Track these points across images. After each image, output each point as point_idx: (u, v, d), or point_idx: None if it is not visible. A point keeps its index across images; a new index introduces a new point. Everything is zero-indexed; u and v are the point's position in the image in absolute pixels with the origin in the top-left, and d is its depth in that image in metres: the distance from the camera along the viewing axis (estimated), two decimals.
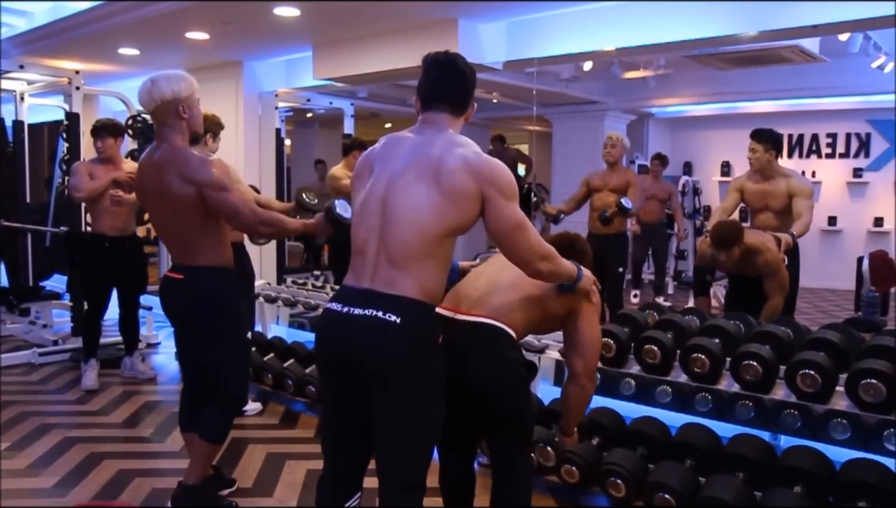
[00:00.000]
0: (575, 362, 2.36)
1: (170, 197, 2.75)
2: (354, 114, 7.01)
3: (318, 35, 4.73)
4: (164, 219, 2.88)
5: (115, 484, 3.37)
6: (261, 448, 3.82)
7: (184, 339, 3.04)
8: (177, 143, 2.78)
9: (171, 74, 2.79)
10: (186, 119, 2.79)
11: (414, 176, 1.95)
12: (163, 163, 2.75)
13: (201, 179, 2.71)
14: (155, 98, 2.74)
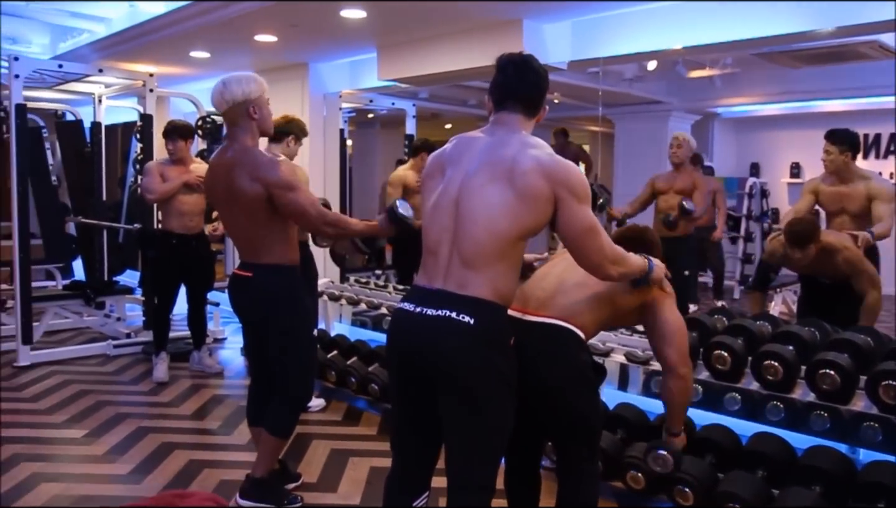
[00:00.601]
0: (667, 352, 2.29)
1: (239, 196, 2.81)
2: (416, 114, 7.06)
3: (383, 37, 4.77)
4: (233, 218, 2.94)
5: (186, 474, 3.47)
6: (324, 444, 3.88)
7: (252, 335, 3.11)
8: (247, 143, 2.84)
9: (241, 76, 2.84)
10: (257, 120, 2.85)
11: (487, 177, 1.95)
12: (233, 163, 2.82)
13: (270, 178, 2.76)
14: (227, 100, 2.80)
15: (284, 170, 2.80)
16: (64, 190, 7.50)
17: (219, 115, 6.61)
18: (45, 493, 3.21)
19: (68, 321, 6.32)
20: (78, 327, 6.38)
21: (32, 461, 3.56)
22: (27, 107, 5.31)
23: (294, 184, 2.81)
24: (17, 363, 5.23)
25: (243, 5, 4.11)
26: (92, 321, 6.33)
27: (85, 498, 3.19)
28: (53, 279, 7.81)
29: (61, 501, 3.15)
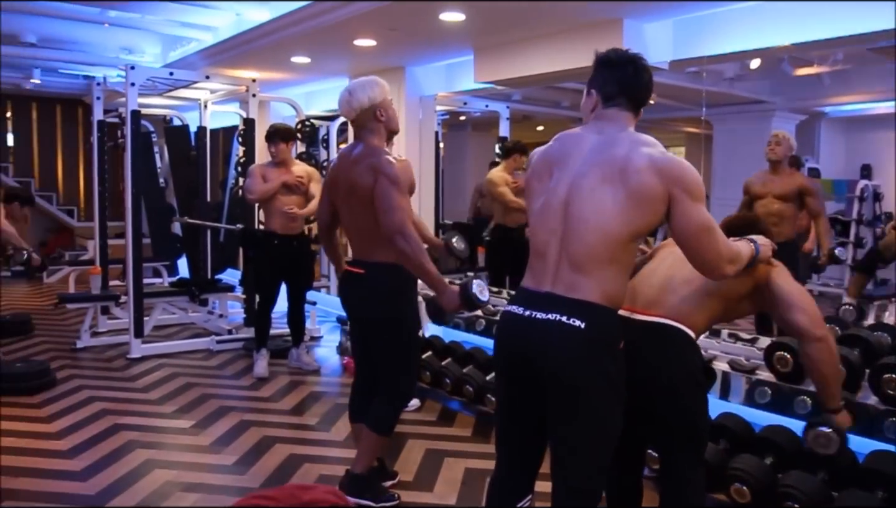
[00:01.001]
0: (797, 318, 2.18)
1: (359, 189, 2.88)
2: (510, 117, 7.06)
3: (480, 39, 4.79)
4: (353, 213, 3.00)
5: (287, 468, 3.57)
6: (420, 443, 3.92)
7: (359, 332, 3.17)
8: (373, 143, 2.94)
9: (365, 82, 2.95)
10: (384, 121, 2.95)
11: (598, 178, 1.92)
12: (357, 159, 2.92)
13: (382, 168, 2.83)
14: (354, 107, 2.91)
15: (400, 168, 2.87)
16: (170, 192, 7.87)
17: (317, 118, 6.84)
18: (159, 478, 3.38)
19: (174, 317, 6.62)
20: (183, 322, 6.68)
21: (146, 448, 3.76)
22: (140, 113, 5.60)
23: (399, 182, 2.84)
24: (130, 354, 5.52)
25: (344, 11, 4.21)
26: (196, 317, 6.62)
27: (194, 486, 3.33)
28: (160, 277, 8.23)
29: (173, 487, 3.30)
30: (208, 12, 5.26)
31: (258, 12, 4.95)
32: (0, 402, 4.42)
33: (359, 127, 2.98)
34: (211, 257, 6.67)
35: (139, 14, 5.92)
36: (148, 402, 4.52)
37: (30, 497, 3.20)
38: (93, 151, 7.33)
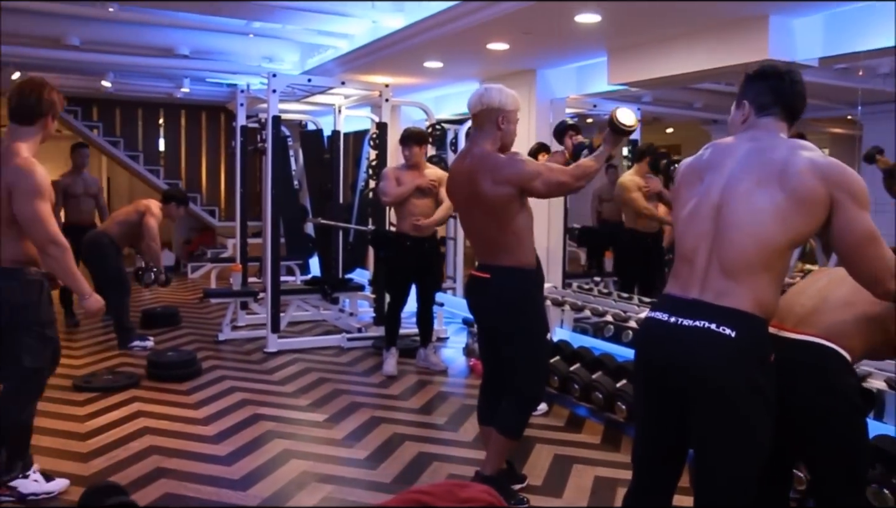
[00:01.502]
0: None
1: (482, 199, 2.92)
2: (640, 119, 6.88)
3: (615, 40, 4.70)
4: (474, 220, 3.05)
5: (416, 465, 3.64)
6: (548, 448, 3.89)
7: (487, 336, 3.19)
8: (486, 148, 2.97)
9: (503, 88, 3.01)
10: (502, 130, 2.98)
11: (755, 181, 1.84)
12: (474, 168, 2.95)
13: (517, 175, 2.88)
14: (483, 102, 2.97)
15: (527, 159, 2.94)
16: (304, 193, 8.20)
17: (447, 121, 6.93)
18: (295, 468, 3.53)
19: (307, 314, 6.89)
20: (315, 319, 6.94)
21: (283, 438, 3.93)
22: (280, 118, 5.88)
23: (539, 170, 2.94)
24: (267, 348, 5.79)
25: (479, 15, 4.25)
26: (328, 315, 6.86)
27: (328, 477, 3.45)
28: (293, 275, 8.59)
29: (310, 477, 3.44)
30: (345, 20, 5.44)
31: (394, 19, 5.08)
32: (154, 387, 4.77)
33: (477, 127, 3.03)
34: (342, 256, 6.89)
35: (280, 24, 6.21)
36: (284, 395, 4.73)
37: (182, 476, 3.42)
38: (234, 155, 7.76)
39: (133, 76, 8.84)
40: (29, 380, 3.10)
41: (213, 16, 5.93)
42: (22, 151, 2.97)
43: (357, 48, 5.79)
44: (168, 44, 6.95)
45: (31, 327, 3.02)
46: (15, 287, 2.98)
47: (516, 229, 2.96)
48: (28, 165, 2.94)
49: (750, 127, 2.00)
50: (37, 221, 2.92)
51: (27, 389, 3.11)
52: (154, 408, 4.37)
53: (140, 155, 10.87)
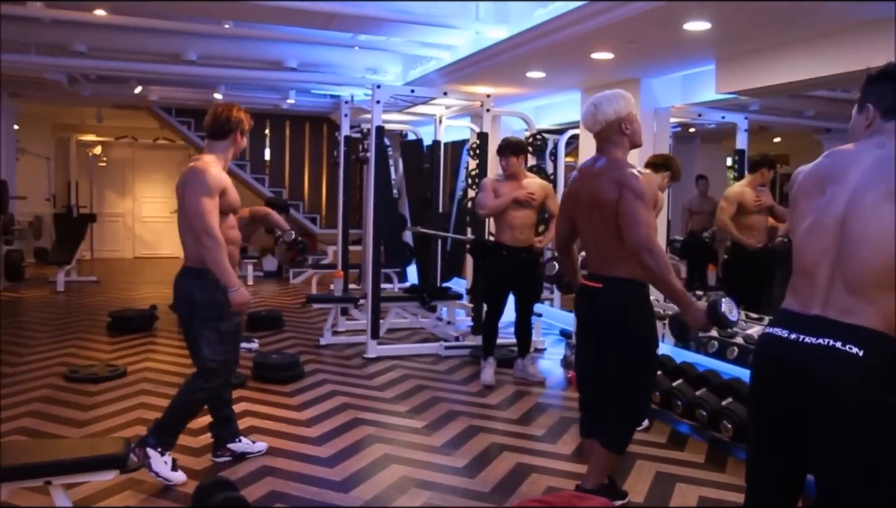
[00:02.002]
0: None
1: (601, 203, 2.88)
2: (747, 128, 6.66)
3: (725, 47, 4.56)
4: (593, 226, 3.00)
5: (515, 476, 3.62)
6: (649, 465, 3.80)
7: (593, 347, 3.13)
8: (617, 155, 2.94)
9: (610, 95, 2.94)
10: (628, 134, 2.95)
11: (883, 193, 1.75)
12: (601, 172, 2.92)
13: (628, 182, 2.81)
14: (599, 120, 2.93)
15: (644, 181, 2.83)
16: (402, 202, 8.33)
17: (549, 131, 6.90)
18: (395, 473, 3.58)
19: (405, 321, 6.98)
20: (413, 327, 7.03)
21: (383, 443, 3.99)
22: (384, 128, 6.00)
23: (646, 197, 2.80)
24: (366, 354, 5.91)
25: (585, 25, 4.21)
26: (426, 323, 6.93)
27: (427, 484, 3.49)
28: (391, 282, 8.73)
29: (409, 483, 3.48)
30: (449, 32, 5.51)
31: (497, 30, 5.10)
32: (259, 388, 4.94)
33: (602, 140, 2.99)
34: (440, 265, 6.95)
35: (385, 37, 6.35)
36: (383, 400, 4.80)
37: (287, 476, 3.53)
38: (337, 164, 7.97)
39: (243, 88, 9.25)
40: (207, 371, 3.44)
41: (323, 29, 6.11)
42: (206, 158, 3.43)
43: (460, 59, 5.85)
44: (277, 57, 7.24)
45: (208, 322, 3.37)
46: (194, 285, 3.37)
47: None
48: (202, 166, 3.35)
49: (875, 132, 1.90)
50: (198, 214, 3.26)
51: (205, 379, 3.46)
52: (260, 408, 4.53)
53: (247, 164, 11.32)
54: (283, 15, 5.11)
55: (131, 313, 6.97)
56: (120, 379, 5.08)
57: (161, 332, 6.70)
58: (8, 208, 8.41)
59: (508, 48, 5.12)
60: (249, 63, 7.49)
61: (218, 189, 3.34)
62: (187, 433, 4.05)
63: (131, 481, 3.37)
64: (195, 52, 6.96)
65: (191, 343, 3.48)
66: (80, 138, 12.41)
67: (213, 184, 3.31)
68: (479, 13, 5.20)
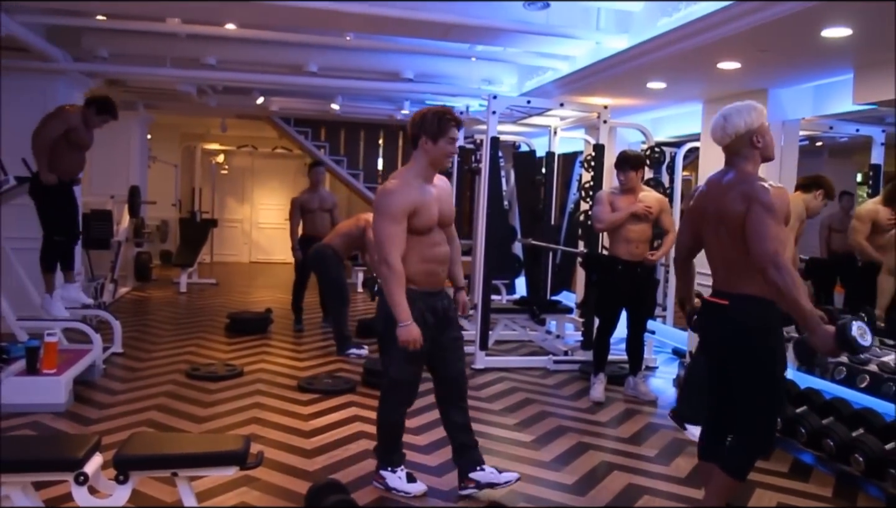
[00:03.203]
0: None
1: (728, 216, 2.78)
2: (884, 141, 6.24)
3: (865, 55, 4.27)
4: (719, 240, 2.89)
5: (625, 496, 3.52)
6: (770, 494, 3.61)
7: (717, 367, 3.00)
8: (747, 169, 2.83)
9: (741, 107, 2.84)
10: (760, 148, 2.83)
11: None
12: (730, 185, 2.82)
13: (757, 195, 2.69)
14: (728, 133, 2.83)
15: (774, 195, 2.71)
16: (513, 214, 8.29)
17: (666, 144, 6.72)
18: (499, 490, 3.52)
19: (514, 334, 6.92)
20: (521, 339, 6.95)
21: (490, 455, 3.89)
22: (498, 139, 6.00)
23: (775, 210, 2.68)
24: (474, 365, 5.89)
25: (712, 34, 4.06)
26: (534, 336, 6.84)
27: (535, 499, 3.44)
28: (499, 294, 8.69)
29: (517, 497, 3.44)
30: (567, 42, 5.44)
31: (618, 40, 5.00)
32: (368, 394, 5.02)
33: (732, 153, 2.87)
34: (550, 278, 6.87)
35: (502, 47, 6.35)
36: (491, 412, 4.77)
37: None
38: (450, 175, 8.02)
39: (359, 99, 9.48)
40: (393, 388, 3.44)
41: (441, 40, 6.18)
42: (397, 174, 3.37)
43: (578, 70, 5.76)
44: (394, 68, 7.37)
45: (392, 341, 3.22)
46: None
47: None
48: (386, 186, 3.23)
49: None
50: (378, 241, 3.19)
51: (393, 396, 3.45)
52: (369, 414, 4.58)
53: (360, 173, 11.60)
54: (403, 26, 5.19)
55: (248, 316, 7.25)
56: (237, 378, 5.29)
57: (275, 335, 6.93)
58: (139, 212, 8.94)
59: (629, 58, 5.01)
60: (366, 74, 7.66)
61: (403, 211, 3.14)
62: (299, 434, 4.18)
63: (247, 478, 3.48)
64: (316, 63, 7.18)
65: (382, 358, 3.47)
66: (204, 147, 13.07)
67: (395, 206, 3.14)
68: (599, 23, 5.11)
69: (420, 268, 3.24)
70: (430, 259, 3.26)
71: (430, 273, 3.28)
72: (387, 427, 3.48)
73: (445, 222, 3.36)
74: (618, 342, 5.47)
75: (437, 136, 3.20)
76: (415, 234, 3.19)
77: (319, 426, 4.34)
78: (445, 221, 3.36)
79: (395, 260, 3.13)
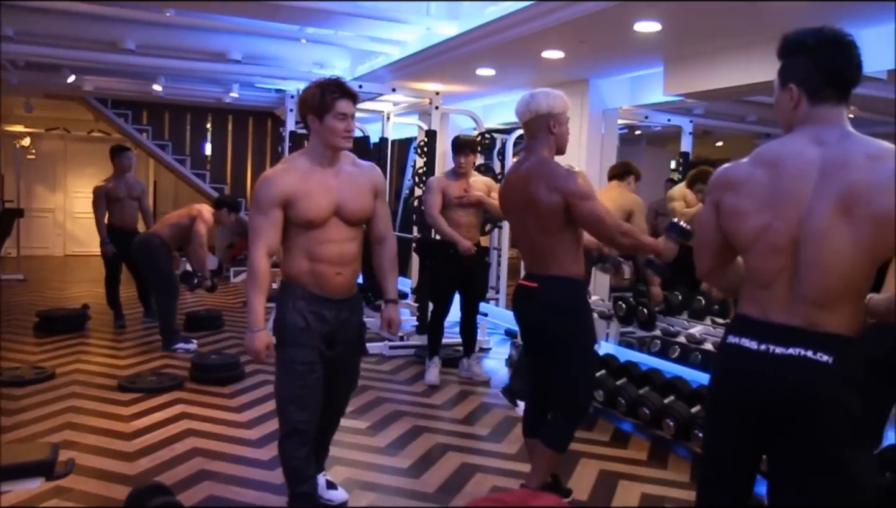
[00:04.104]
0: None
1: (534, 206, 2.87)
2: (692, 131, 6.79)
3: (674, 49, 4.60)
4: (525, 228, 2.99)
5: (459, 476, 3.58)
6: (593, 463, 3.80)
7: (534, 347, 3.13)
8: (544, 155, 2.93)
9: (549, 91, 2.95)
10: (555, 134, 2.94)
11: (834, 210, 1.66)
12: (530, 174, 2.90)
13: (568, 188, 2.81)
14: (531, 109, 2.92)
15: (581, 180, 2.84)
16: None
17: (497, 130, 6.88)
18: (339, 475, 3.48)
19: None
20: None
21: None
22: None
23: (591, 194, 2.84)
24: None
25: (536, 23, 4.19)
26: (370, 322, 6.79)
27: (371, 485, 3.42)
28: None
29: (353, 485, 3.40)
30: (399, 27, 5.43)
31: (448, 26, 5.05)
32: (197, 390, 4.78)
33: (530, 135, 2.99)
34: None
35: (333, 30, 6.23)
36: None
37: (225, 479, 3.40)
38: None
39: (184, 80, 8.96)
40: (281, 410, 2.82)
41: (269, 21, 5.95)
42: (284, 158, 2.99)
43: (409, 55, 5.76)
44: (220, 48, 7.02)
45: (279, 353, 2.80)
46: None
47: (568, 238, 2.90)
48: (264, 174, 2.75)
49: (808, 120, 1.77)
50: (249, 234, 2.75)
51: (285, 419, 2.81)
52: (197, 410, 4.38)
53: (187, 159, 11.02)
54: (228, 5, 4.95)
55: (61, 313, 6.66)
56: (47, 382, 4.84)
57: (94, 333, 6.43)
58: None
59: (459, 45, 5.08)
60: (191, 54, 7.25)
61: (272, 201, 2.65)
62: (120, 436, 3.90)
63: (58, 489, 3.18)
64: (133, 40, 6.70)
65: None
66: (6, 129, 11.87)
67: (263, 195, 2.66)
68: (429, 9, 5.14)
69: (304, 267, 2.73)
70: (319, 258, 2.71)
71: (318, 275, 2.73)
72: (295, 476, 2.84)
73: (350, 216, 2.75)
74: (452, 325, 5.56)
75: (321, 112, 2.65)
76: (298, 227, 2.70)
77: (142, 427, 4.07)
78: (350, 215, 2.75)
79: (255, 255, 2.65)
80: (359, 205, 2.78)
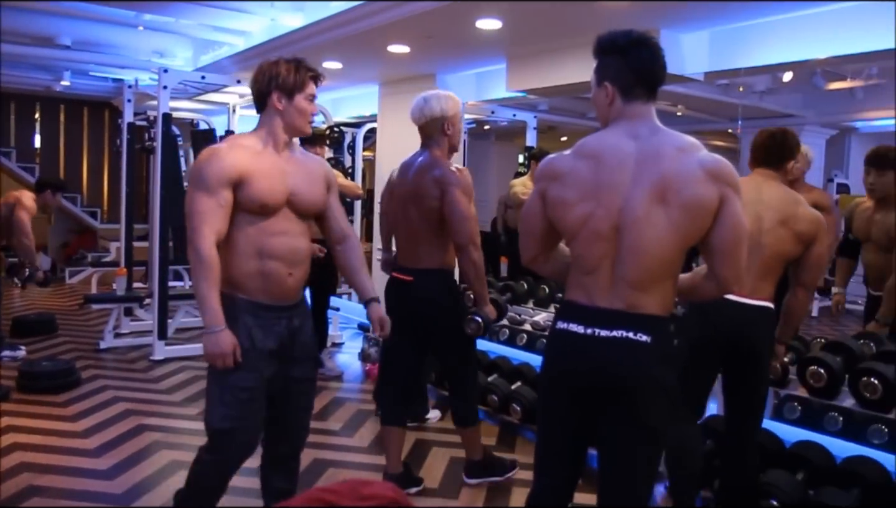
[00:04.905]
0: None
1: (418, 198, 3.04)
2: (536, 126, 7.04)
3: (515, 47, 4.76)
4: (408, 219, 3.13)
5: (312, 472, 3.56)
6: (444, 451, 3.89)
7: (407, 338, 3.23)
8: (436, 153, 3.08)
9: (441, 94, 3.08)
10: (449, 135, 3.08)
11: (650, 198, 1.80)
12: (421, 168, 3.06)
13: (450, 179, 2.98)
14: (425, 114, 3.06)
15: (465, 177, 3.02)
16: None
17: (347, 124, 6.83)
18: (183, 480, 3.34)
19: (197, 320, 6.59)
20: None
21: (170, 448, 3.75)
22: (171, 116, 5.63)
23: (469, 191, 3.02)
24: (153, 356, 5.52)
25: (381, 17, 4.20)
26: None
27: None
28: (181, 280, 8.23)
29: None
30: (242, 17, 5.27)
31: (293, 18, 4.96)
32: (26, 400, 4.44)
33: (425, 136, 3.12)
34: None
35: (173, 18, 5.95)
36: (171, 404, 4.51)
37: (57, 494, 3.19)
38: (120, 153, 7.37)
39: (6, 66, 8.24)
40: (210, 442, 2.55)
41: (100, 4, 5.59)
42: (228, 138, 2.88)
43: (253, 46, 5.61)
44: (48, 32, 6.52)
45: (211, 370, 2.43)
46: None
47: (444, 231, 3.06)
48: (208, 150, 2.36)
49: (622, 116, 1.89)
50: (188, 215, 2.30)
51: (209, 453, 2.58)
52: (26, 422, 4.08)
53: (12, 151, 10.17)
54: None
55: None
56: None
57: None
58: None
59: (304, 37, 4.99)
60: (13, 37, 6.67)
61: (221, 179, 2.26)
62: None
63: None
64: None
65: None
66: None
67: (210, 172, 2.25)
68: None
69: (252, 266, 2.32)
70: (271, 254, 2.33)
71: (268, 276, 2.33)
72: (198, 494, 2.63)
73: (303, 206, 2.41)
74: None
75: (292, 90, 2.37)
76: (247, 214, 2.31)
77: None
78: (302, 205, 2.41)
79: (202, 243, 2.22)
80: (312, 195, 2.46)
